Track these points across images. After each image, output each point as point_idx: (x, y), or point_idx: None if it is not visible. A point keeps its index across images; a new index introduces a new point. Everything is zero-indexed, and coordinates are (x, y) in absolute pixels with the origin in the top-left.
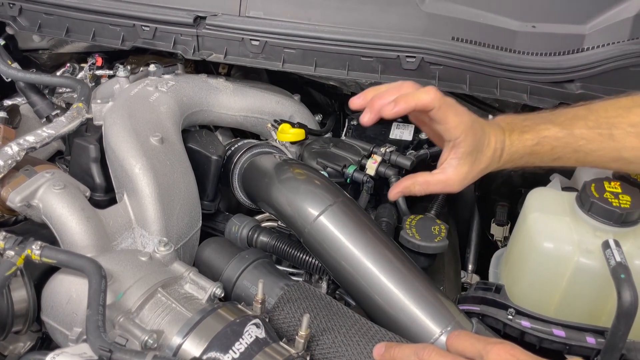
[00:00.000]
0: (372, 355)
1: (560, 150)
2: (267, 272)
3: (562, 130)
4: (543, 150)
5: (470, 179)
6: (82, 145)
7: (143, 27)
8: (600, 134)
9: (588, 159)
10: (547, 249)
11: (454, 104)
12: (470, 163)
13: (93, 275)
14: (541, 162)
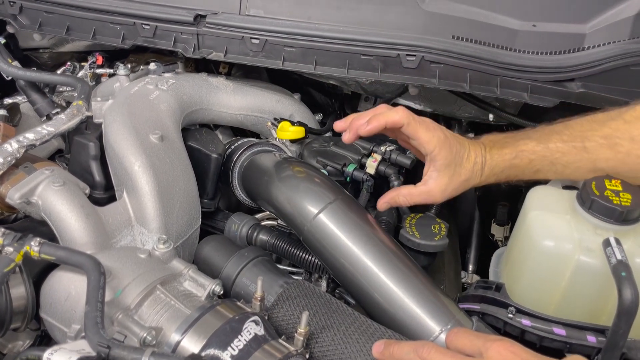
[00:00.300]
0: (372, 352)
1: (539, 163)
2: (267, 269)
3: (539, 144)
4: (522, 163)
5: (450, 190)
6: (82, 143)
7: (143, 26)
8: (574, 147)
9: (566, 172)
10: (547, 247)
11: (425, 120)
12: (450, 175)
13: (92, 271)
14: (523, 175)
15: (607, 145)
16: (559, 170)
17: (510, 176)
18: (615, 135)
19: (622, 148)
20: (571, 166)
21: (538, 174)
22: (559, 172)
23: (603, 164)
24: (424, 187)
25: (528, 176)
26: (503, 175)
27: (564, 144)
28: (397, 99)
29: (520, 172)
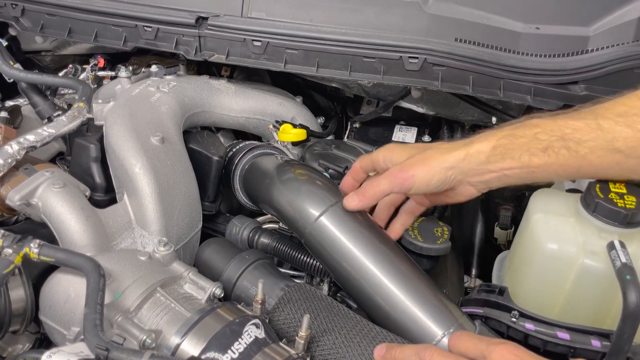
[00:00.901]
0: (373, 356)
1: (546, 136)
2: (268, 272)
3: (544, 118)
4: (525, 134)
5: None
6: (83, 145)
7: (145, 28)
8: (587, 124)
9: (580, 150)
10: (551, 250)
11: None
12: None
13: (91, 273)
14: (530, 156)
15: (623, 123)
16: (572, 147)
17: (513, 156)
18: (632, 112)
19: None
20: (585, 145)
21: (547, 152)
22: (573, 149)
23: (621, 144)
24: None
25: (535, 157)
26: (507, 155)
27: (574, 120)
28: (399, 102)
29: (525, 148)
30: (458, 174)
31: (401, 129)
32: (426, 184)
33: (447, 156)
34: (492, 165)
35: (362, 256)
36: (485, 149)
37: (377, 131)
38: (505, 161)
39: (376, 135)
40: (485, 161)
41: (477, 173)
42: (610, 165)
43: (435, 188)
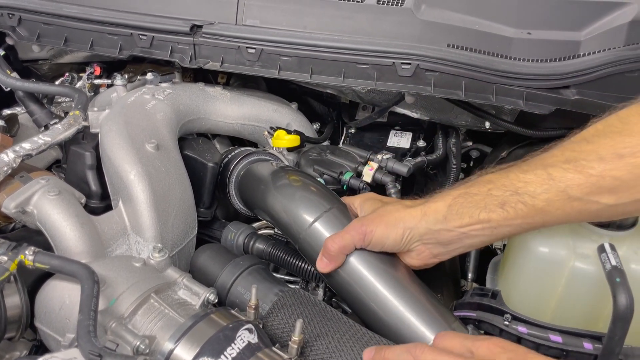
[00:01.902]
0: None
1: (500, 192)
2: (262, 278)
3: (496, 173)
4: (480, 191)
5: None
6: (78, 153)
7: (140, 36)
8: (537, 175)
9: (537, 204)
10: (542, 253)
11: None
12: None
13: (86, 280)
14: (487, 212)
15: (573, 170)
16: (528, 201)
17: (471, 214)
18: (580, 157)
19: (592, 171)
20: (540, 197)
21: (505, 207)
22: (529, 203)
23: (575, 191)
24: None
25: (492, 213)
26: (464, 213)
27: (525, 173)
28: (394, 107)
29: (482, 205)
30: (414, 234)
31: (396, 134)
32: (382, 241)
33: (404, 214)
34: (450, 224)
35: (355, 262)
36: (442, 208)
37: (373, 136)
38: (463, 219)
39: (371, 141)
40: (442, 220)
41: (434, 234)
42: (571, 214)
43: (391, 246)
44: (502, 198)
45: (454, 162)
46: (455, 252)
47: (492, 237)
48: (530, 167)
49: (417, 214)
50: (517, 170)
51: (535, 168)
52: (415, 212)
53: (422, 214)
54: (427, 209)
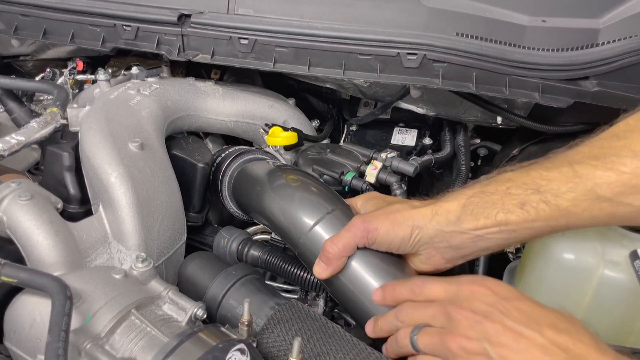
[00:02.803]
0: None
1: (520, 191)
2: (256, 289)
3: (516, 171)
4: (497, 190)
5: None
6: (55, 153)
7: (124, 27)
8: (562, 172)
9: (561, 203)
10: (567, 260)
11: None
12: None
13: (56, 295)
14: (506, 214)
15: (602, 167)
16: (552, 201)
17: (487, 215)
18: (610, 153)
19: (625, 168)
20: (565, 197)
21: (526, 207)
22: (552, 203)
23: (605, 190)
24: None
25: (512, 214)
26: (480, 214)
27: (548, 171)
28: (398, 103)
29: (500, 205)
30: (423, 235)
31: (400, 131)
32: (389, 240)
33: (413, 213)
34: (464, 226)
35: (360, 269)
36: (455, 208)
37: (375, 134)
38: (479, 221)
39: (374, 139)
40: (455, 221)
41: (446, 237)
42: (600, 217)
43: (397, 246)
44: (522, 197)
45: (463, 160)
46: (469, 257)
47: (509, 240)
48: (554, 164)
49: (427, 213)
50: (540, 168)
51: (560, 165)
52: (426, 211)
53: (433, 214)
54: (438, 208)
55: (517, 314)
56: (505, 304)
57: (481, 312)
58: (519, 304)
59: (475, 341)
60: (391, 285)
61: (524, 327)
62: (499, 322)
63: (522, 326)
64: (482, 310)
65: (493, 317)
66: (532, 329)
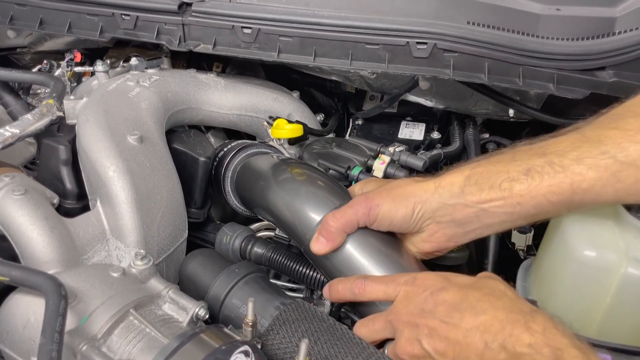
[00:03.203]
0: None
1: (525, 156)
2: (260, 288)
3: (524, 143)
4: (502, 159)
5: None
6: (51, 146)
7: (123, 16)
8: (570, 136)
9: (565, 163)
10: (587, 258)
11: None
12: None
13: (51, 294)
14: (509, 176)
15: (613, 127)
16: (555, 161)
17: (492, 184)
18: (622, 120)
19: (629, 126)
20: (569, 155)
21: (531, 173)
22: (556, 164)
23: (610, 147)
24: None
25: (517, 178)
26: (484, 184)
27: (555, 137)
28: (405, 95)
29: (504, 172)
30: (426, 210)
31: (408, 125)
32: (390, 217)
33: (415, 187)
34: (467, 198)
35: (371, 266)
36: (459, 180)
37: (382, 128)
38: (483, 192)
39: (381, 133)
40: (458, 193)
41: (449, 210)
42: (604, 177)
43: (400, 224)
44: (527, 163)
45: (473, 155)
46: (472, 235)
47: (514, 215)
48: (562, 132)
49: (429, 188)
50: (548, 137)
51: (568, 131)
52: (428, 185)
53: (436, 187)
54: (441, 181)
55: (442, 307)
56: (432, 299)
57: (415, 314)
58: (443, 295)
59: (417, 345)
60: (334, 283)
61: (448, 318)
62: (430, 319)
63: (447, 318)
64: (416, 312)
65: (424, 317)
66: (455, 318)
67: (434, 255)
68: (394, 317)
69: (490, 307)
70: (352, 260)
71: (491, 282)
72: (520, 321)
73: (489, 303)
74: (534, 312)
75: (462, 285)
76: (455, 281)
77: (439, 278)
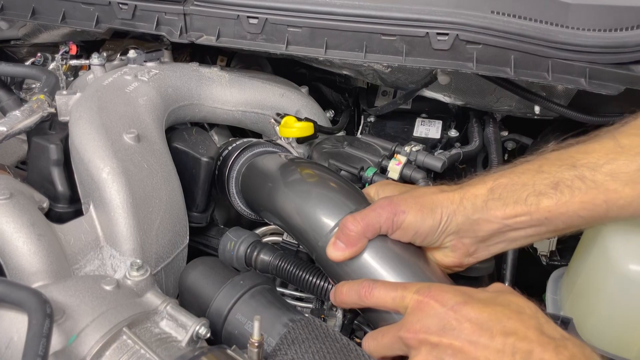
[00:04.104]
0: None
1: (553, 168)
2: (267, 302)
3: (554, 150)
4: (528, 169)
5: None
6: (41, 145)
7: (120, 6)
8: (603, 144)
9: (598, 178)
10: (632, 272)
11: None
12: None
13: (34, 312)
14: (535, 190)
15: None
16: (587, 175)
17: (517, 199)
18: None
19: None
20: (602, 169)
21: (560, 187)
22: (588, 178)
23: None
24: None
25: (545, 192)
26: (508, 198)
27: (587, 144)
28: (422, 91)
29: (530, 185)
30: (451, 223)
31: (423, 122)
32: (416, 227)
33: (442, 197)
34: (491, 213)
35: (387, 275)
36: (482, 192)
37: (395, 125)
38: (508, 207)
39: (395, 131)
40: (482, 207)
41: (472, 226)
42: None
43: (424, 235)
44: (556, 175)
45: (495, 154)
46: (494, 249)
47: (541, 230)
48: (595, 138)
49: (455, 199)
50: (579, 143)
51: (602, 138)
52: (454, 196)
53: (460, 198)
54: (465, 192)
55: (467, 325)
56: (454, 316)
57: (434, 331)
58: (468, 311)
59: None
60: (340, 286)
61: (476, 337)
62: (454, 338)
63: (475, 337)
64: (434, 329)
65: (446, 335)
66: (484, 337)
67: (452, 271)
68: (406, 332)
69: (521, 327)
70: (369, 269)
71: (515, 299)
72: (550, 344)
73: (520, 322)
74: (565, 339)
75: (486, 300)
76: (477, 296)
77: (457, 291)
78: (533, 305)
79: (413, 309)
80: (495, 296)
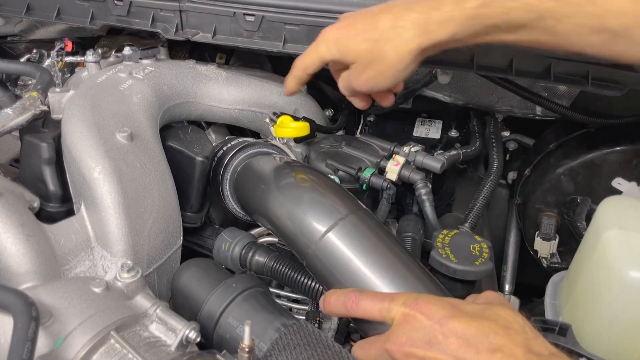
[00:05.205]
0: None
1: (521, 15)
2: (260, 306)
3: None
4: (494, 13)
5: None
6: (33, 143)
7: (115, 2)
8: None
9: (559, 28)
10: (632, 279)
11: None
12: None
13: (19, 315)
14: (497, 33)
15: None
16: (550, 27)
17: (478, 33)
18: None
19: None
20: (567, 21)
21: (520, 31)
22: (550, 29)
23: (614, 21)
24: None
25: (505, 35)
26: (464, 33)
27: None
28: (422, 90)
29: (492, 27)
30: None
31: (423, 122)
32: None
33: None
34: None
35: (379, 282)
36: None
37: (395, 125)
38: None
39: (394, 131)
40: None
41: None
42: (590, 44)
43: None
44: (522, 20)
45: (495, 155)
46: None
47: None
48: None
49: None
50: None
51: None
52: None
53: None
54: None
55: (454, 339)
56: (441, 330)
57: (419, 345)
58: (454, 325)
59: None
60: (328, 296)
61: (462, 353)
62: (439, 352)
63: (460, 352)
64: (419, 342)
65: (431, 349)
66: (470, 353)
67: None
68: (392, 345)
69: (508, 343)
70: (360, 276)
71: (503, 312)
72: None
73: (507, 338)
74: (552, 355)
75: (473, 314)
76: (465, 309)
77: (445, 303)
78: (521, 319)
79: (400, 321)
80: (484, 309)
